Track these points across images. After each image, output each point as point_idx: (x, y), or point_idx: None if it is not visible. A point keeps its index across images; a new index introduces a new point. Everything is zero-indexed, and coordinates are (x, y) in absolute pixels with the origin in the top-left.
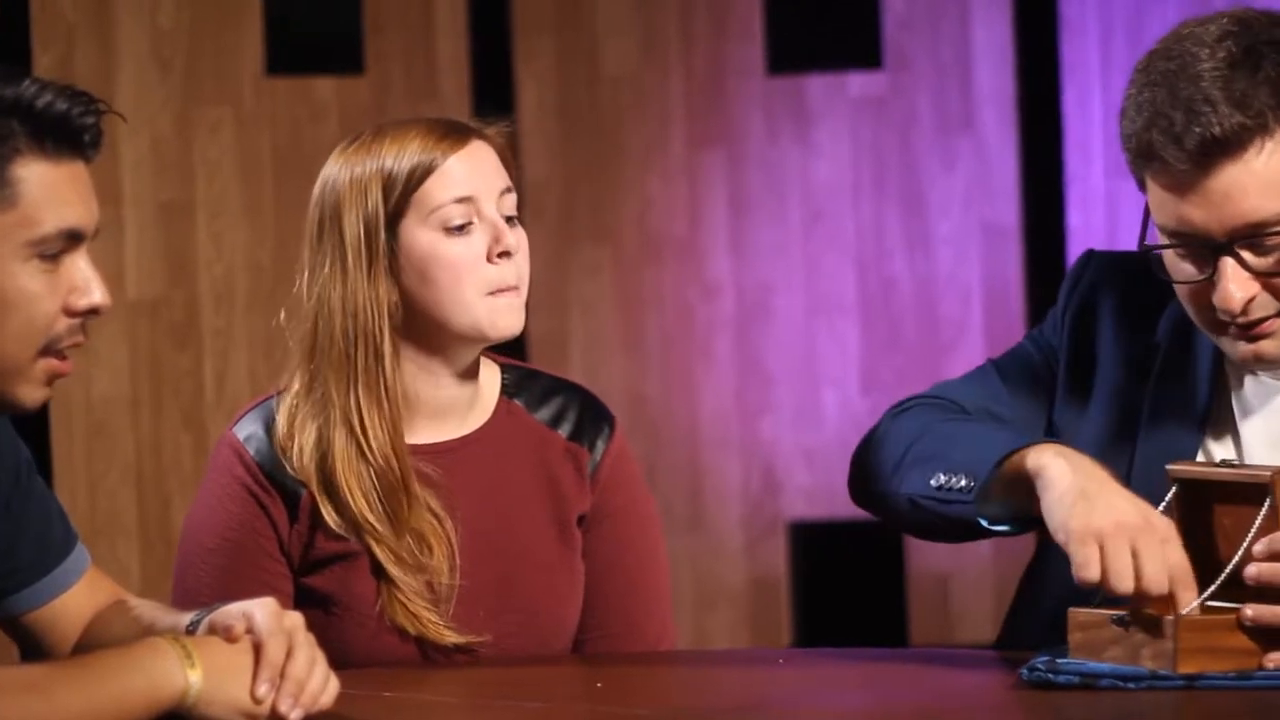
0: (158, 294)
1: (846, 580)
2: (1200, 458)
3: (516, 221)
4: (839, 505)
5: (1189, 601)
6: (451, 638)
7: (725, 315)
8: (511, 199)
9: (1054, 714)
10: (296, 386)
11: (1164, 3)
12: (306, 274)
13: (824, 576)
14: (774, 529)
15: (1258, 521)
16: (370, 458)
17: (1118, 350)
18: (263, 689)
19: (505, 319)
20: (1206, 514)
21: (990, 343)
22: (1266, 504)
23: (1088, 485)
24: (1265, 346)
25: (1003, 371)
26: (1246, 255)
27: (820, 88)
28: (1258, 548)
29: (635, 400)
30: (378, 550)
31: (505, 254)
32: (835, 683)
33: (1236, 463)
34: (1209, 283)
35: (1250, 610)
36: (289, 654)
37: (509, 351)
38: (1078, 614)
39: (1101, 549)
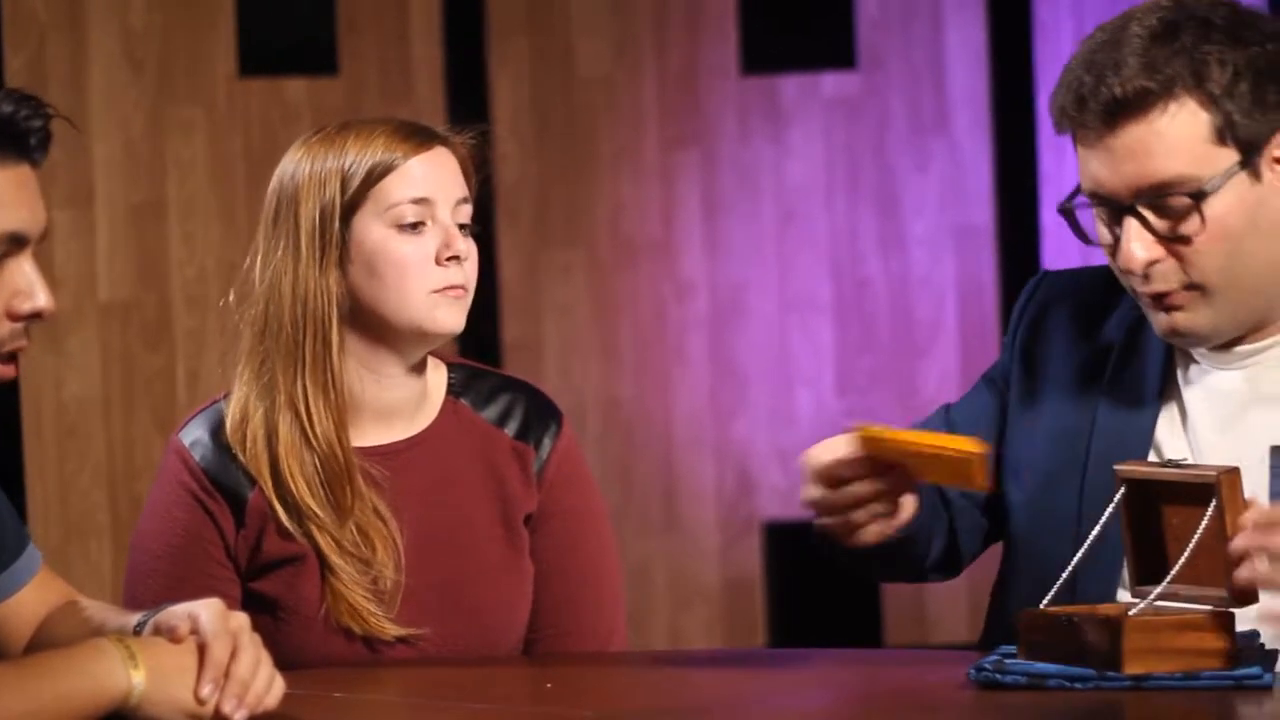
0: (129, 295)
1: (821, 580)
2: (1153, 446)
3: (469, 232)
4: None
5: None
6: (393, 630)
7: (699, 316)
8: (467, 209)
9: (999, 714)
10: (247, 372)
11: (1137, 3)
12: (259, 258)
13: (799, 577)
14: (749, 529)
15: (1204, 522)
16: (314, 444)
17: (1070, 358)
18: (206, 690)
19: (446, 315)
20: (1155, 513)
21: (965, 343)
22: (1213, 504)
23: None
24: (1179, 319)
25: (952, 416)
26: (1150, 216)
27: (794, 88)
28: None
29: (610, 402)
30: (321, 540)
31: (454, 258)
32: (785, 683)
33: (1184, 462)
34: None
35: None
36: (233, 655)
37: (483, 354)
38: (1027, 614)
39: None
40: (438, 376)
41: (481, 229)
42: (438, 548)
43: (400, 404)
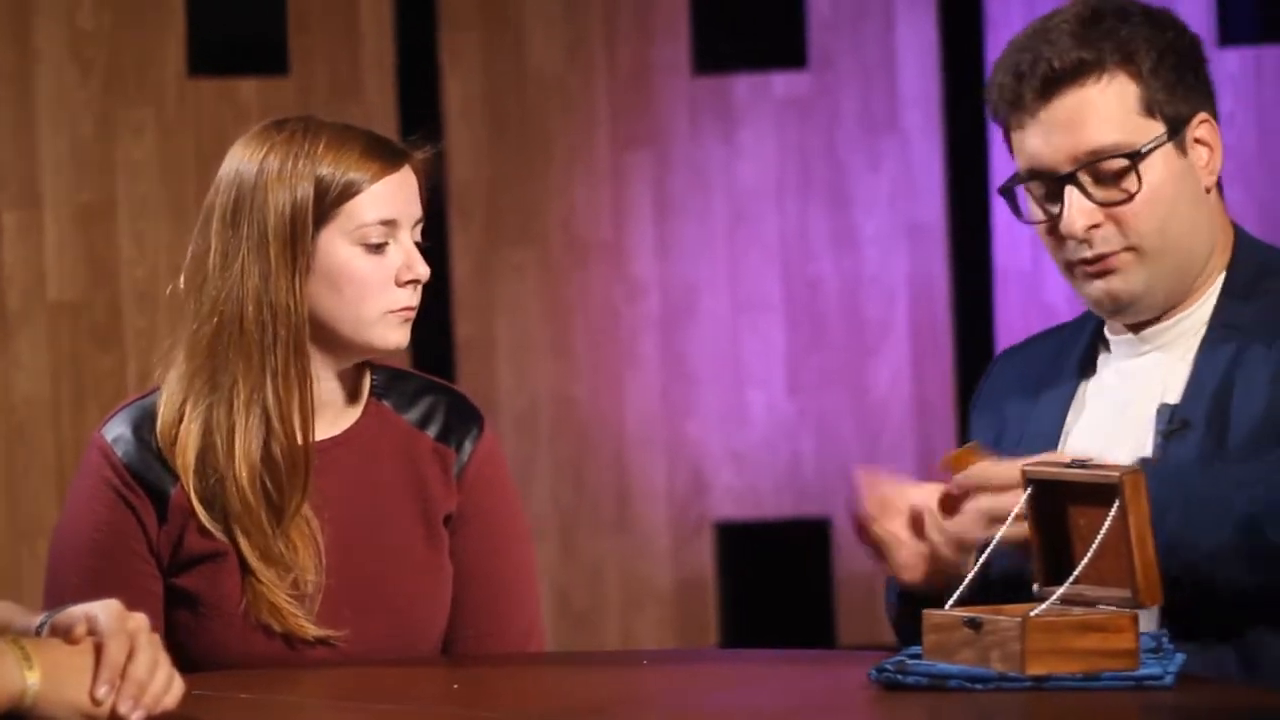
0: (79, 295)
1: (773, 581)
2: (1062, 440)
3: (420, 248)
4: (765, 505)
5: None
6: (312, 630)
7: (651, 316)
8: (420, 228)
9: (896, 714)
10: (185, 368)
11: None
12: (217, 255)
13: (751, 577)
14: (701, 530)
15: (1107, 522)
16: (278, 447)
17: (1019, 397)
18: (102, 690)
19: (396, 335)
20: (1061, 513)
21: (916, 341)
22: (1115, 505)
23: None
24: (1115, 283)
25: None
26: (1089, 184)
27: (745, 88)
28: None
29: (562, 402)
30: (245, 545)
31: (413, 281)
32: (688, 683)
33: (1088, 462)
34: (1060, 218)
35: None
36: (130, 655)
37: (435, 353)
38: (931, 615)
39: None
40: (363, 378)
41: (433, 228)
42: (358, 547)
43: (328, 404)
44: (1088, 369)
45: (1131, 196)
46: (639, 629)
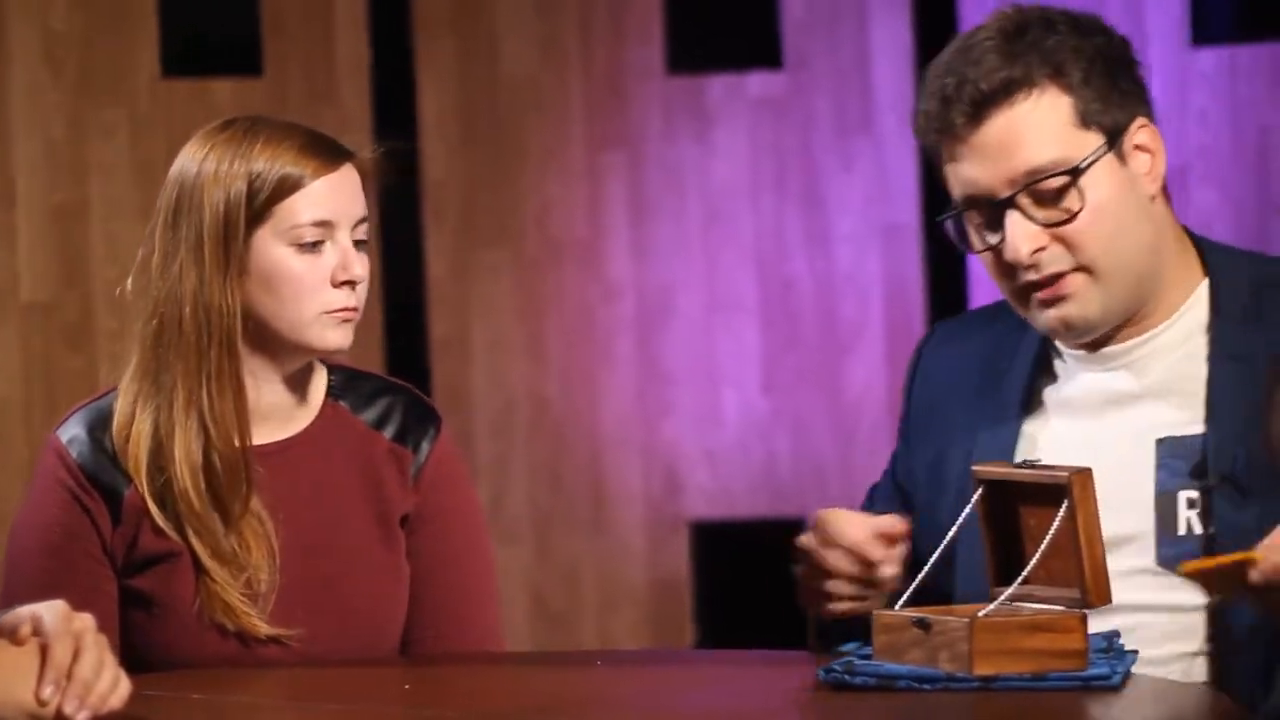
0: (51, 296)
1: (749, 580)
2: (1020, 448)
3: (365, 248)
4: (740, 505)
5: None
6: (265, 629)
7: (626, 317)
8: (365, 227)
9: (843, 715)
10: (138, 373)
11: (1063, 1)
12: (159, 255)
13: (726, 577)
14: (676, 530)
15: (1055, 523)
16: (217, 450)
17: (957, 386)
18: (47, 691)
19: (334, 336)
20: (1012, 514)
21: (890, 341)
22: (1064, 505)
23: None
24: (1069, 310)
25: (874, 496)
26: (1029, 206)
27: (720, 88)
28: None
29: (537, 402)
30: (197, 545)
31: (349, 282)
32: (639, 684)
33: (1038, 462)
34: (1003, 245)
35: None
36: (76, 656)
37: (411, 353)
38: (881, 616)
39: None
40: (318, 379)
41: (408, 229)
42: (313, 547)
43: (278, 407)
44: (1043, 372)
45: (1075, 215)
46: (615, 629)
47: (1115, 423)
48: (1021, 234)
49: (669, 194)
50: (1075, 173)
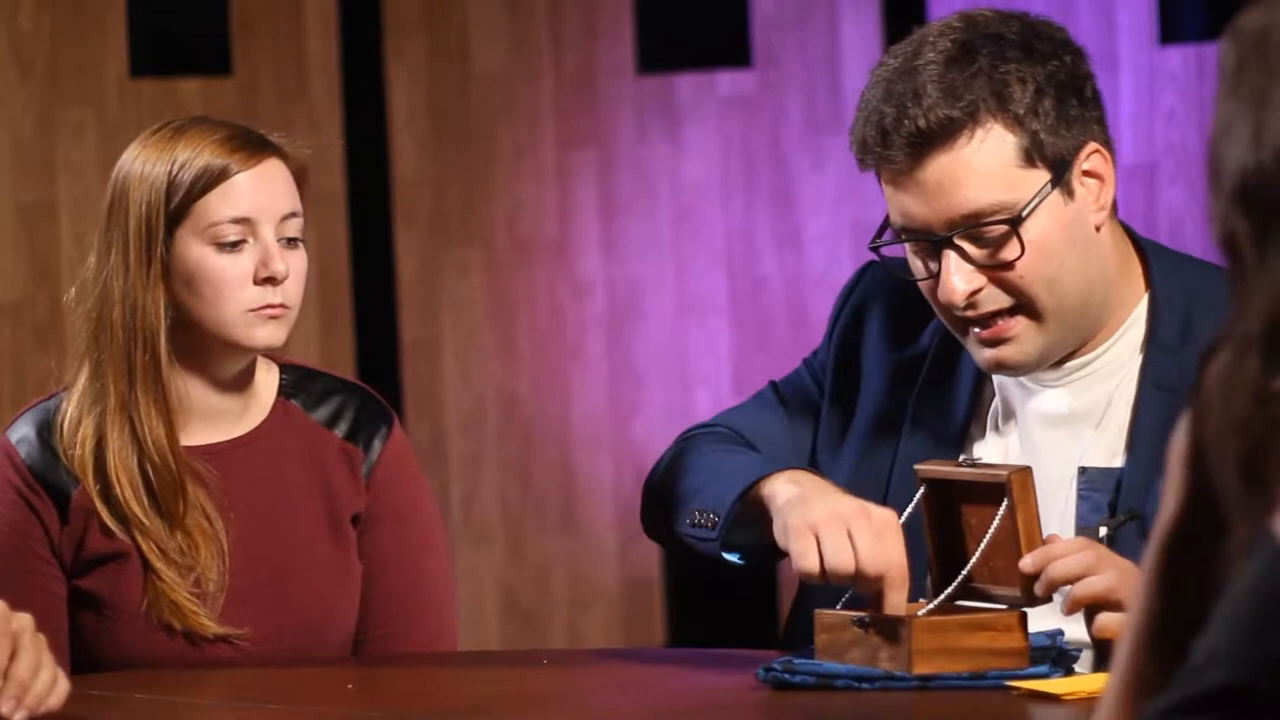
0: (20, 296)
1: (720, 580)
2: (975, 451)
3: (300, 243)
4: None
5: (898, 603)
6: (214, 628)
7: (597, 316)
8: (296, 223)
9: (780, 714)
10: (83, 376)
11: (1029, 3)
12: (94, 259)
13: (698, 577)
14: None
15: (995, 521)
16: (145, 453)
17: (884, 359)
18: None
19: (262, 334)
20: (954, 513)
21: None
22: (1004, 503)
23: (809, 493)
24: (1006, 352)
25: (781, 394)
26: (967, 247)
27: (690, 87)
28: (1025, 561)
29: (508, 401)
30: (144, 545)
31: (270, 280)
32: (580, 683)
33: (979, 461)
34: (938, 279)
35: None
36: (13, 656)
37: (382, 352)
38: (823, 615)
39: (817, 539)
40: (269, 377)
41: (378, 228)
42: (263, 546)
43: (227, 406)
44: (985, 379)
45: (1014, 261)
46: (586, 629)
47: (1045, 445)
48: (958, 274)
49: (639, 193)
50: (1017, 221)
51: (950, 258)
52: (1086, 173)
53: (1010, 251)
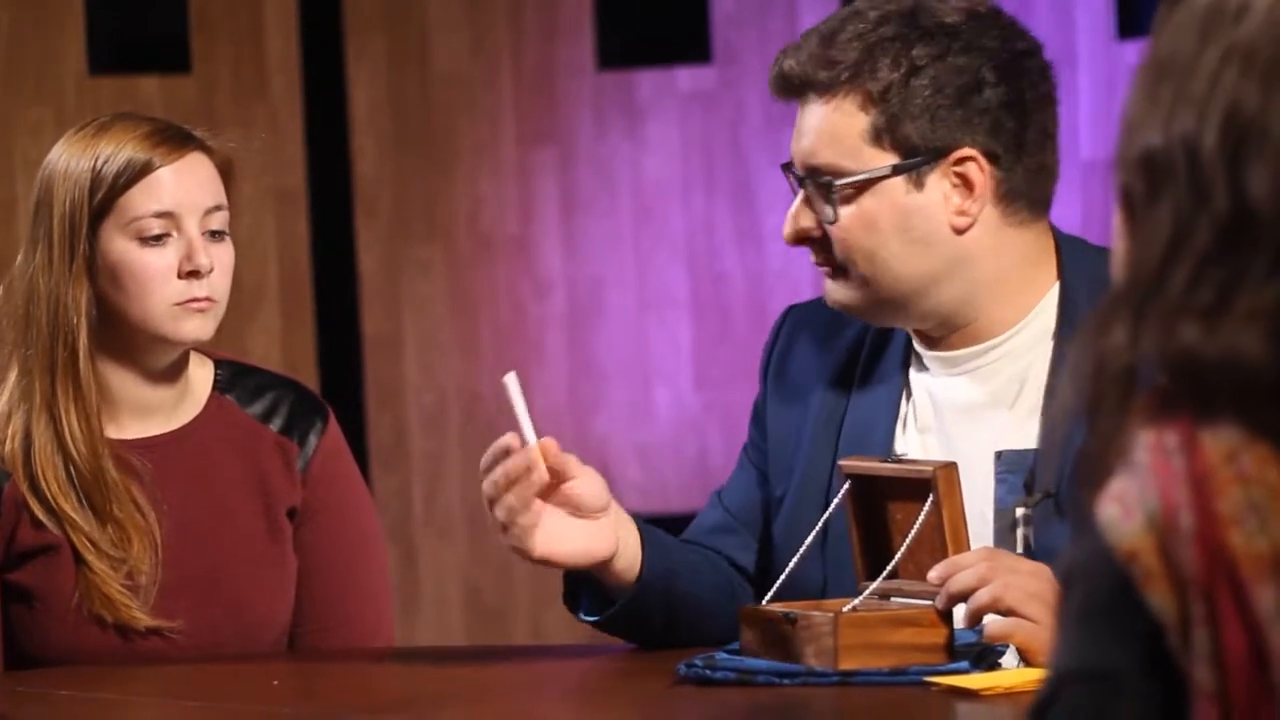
0: None
1: None
2: (898, 447)
3: (225, 236)
4: (673, 500)
5: None
6: (145, 620)
7: (557, 312)
8: (221, 216)
9: (698, 710)
10: (13, 372)
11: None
12: (22, 256)
13: None
14: None
15: (921, 516)
16: (68, 449)
17: (816, 385)
18: None
19: (189, 327)
20: (880, 509)
21: None
22: (930, 499)
23: None
24: (831, 289)
25: (746, 453)
26: (811, 193)
27: (650, 84)
28: (932, 573)
29: (469, 398)
30: (76, 539)
31: (195, 273)
32: (501, 681)
33: (904, 457)
34: None
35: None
36: None
37: (344, 348)
38: (746, 611)
39: None
40: (203, 372)
41: (340, 225)
42: (196, 540)
43: (158, 400)
44: (908, 367)
45: (832, 222)
46: (549, 625)
47: (962, 433)
48: (794, 214)
49: (600, 189)
50: (831, 186)
51: (799, 197)
52: (958, 175)
53: (830, 209)
